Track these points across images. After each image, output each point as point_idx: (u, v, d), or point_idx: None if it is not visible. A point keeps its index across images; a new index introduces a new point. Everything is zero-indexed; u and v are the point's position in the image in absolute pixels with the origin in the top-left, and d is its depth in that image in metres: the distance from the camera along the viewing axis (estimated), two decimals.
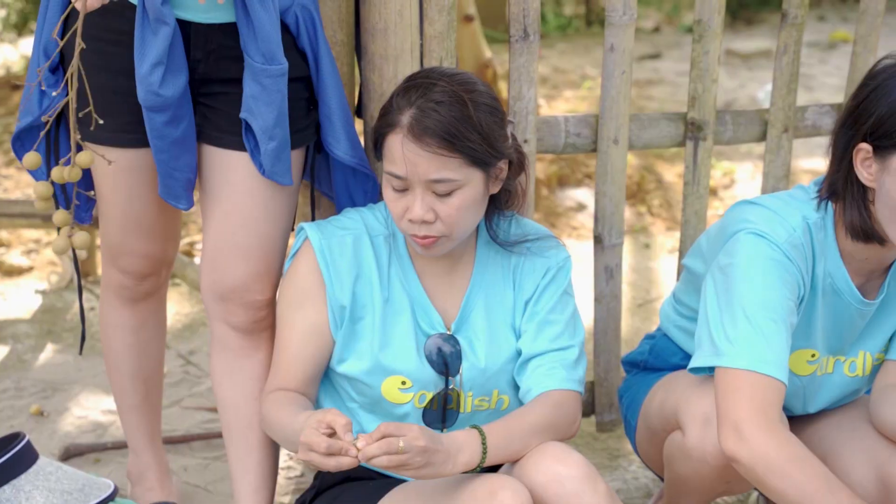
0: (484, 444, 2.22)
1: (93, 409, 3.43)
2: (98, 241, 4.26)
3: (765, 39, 8.43)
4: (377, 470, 2.42)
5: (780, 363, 2.26)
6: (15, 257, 4.51)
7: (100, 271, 4.28)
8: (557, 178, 5.09)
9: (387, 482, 2.41)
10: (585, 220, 4.91)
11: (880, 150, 2.24)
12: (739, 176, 5.51)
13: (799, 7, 2.95)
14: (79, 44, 2.07)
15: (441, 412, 2.41)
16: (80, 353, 2.70)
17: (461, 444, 2.19)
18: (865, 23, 3.04)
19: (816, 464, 2.20)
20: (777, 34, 2.98)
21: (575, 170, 5.21)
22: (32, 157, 2.17)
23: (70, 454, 3.16)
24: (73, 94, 2.11)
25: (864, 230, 2.32)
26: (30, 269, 4.46)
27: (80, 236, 2.20)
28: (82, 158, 2.15)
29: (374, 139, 2.34)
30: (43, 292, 4.22)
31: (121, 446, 3.17)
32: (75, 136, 2.13)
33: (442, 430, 2.42)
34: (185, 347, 3.79)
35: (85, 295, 4.16)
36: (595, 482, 2.22)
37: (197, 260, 4.41)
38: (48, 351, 3.80)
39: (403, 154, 2.24)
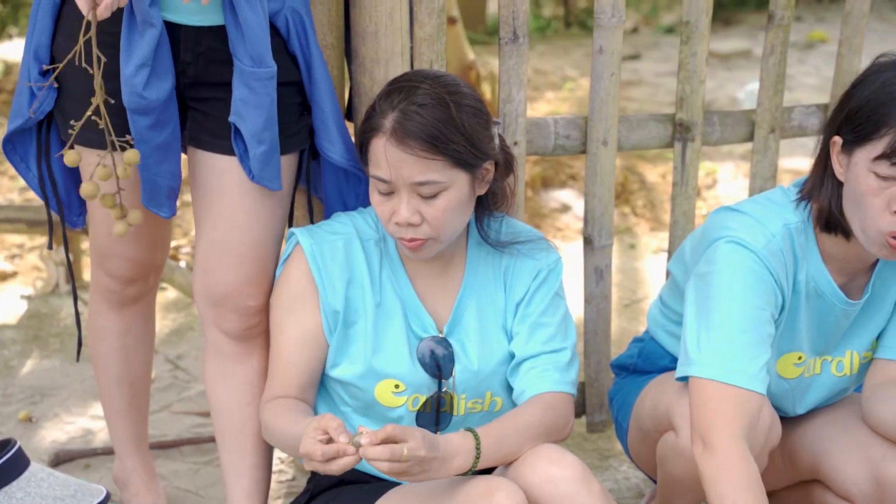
0: (478, 448, 2.22)
1: (81, 415, 3.42)
2: (68, 250, 4.26)
3: (742, 40, 8.47)
4: (371, 473, 2.44)
5: (750, 373, 2.28)
6: None
7: (85, 276, 4.27)
8: (541, 180, 5.10)
9: (381, 485, 2.41)
10: (570, 221, 4.91)
11: (848, 144, 2.28)
12: (721, 176, 5.54)
13: (785, 8, 2.96)
14: (95, 55, 2.06)
15: (434, 415, 2.42)
16: (77, 359, 2.69)
17: (457, 447, 2.20)
18: (850, 25, 3.06)
19: (755, 495, 2.21)
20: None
21: (559, 171, 5.22)
22: (73, 156, 2.16)
23: (60, 460, 3.15)
24: (100, 100, 2.10)
25: (831, 221, 2.35)
26: (14, 274, 4.44)
27: (135, 214, 2.21)
28: (129, 157, 2.15)
29: (358, 143, 2.34)
30: (28, 298, 4.20)
31: (110, 452, 3.16)
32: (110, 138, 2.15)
33: (436, 433, 2.42)
34: (173, 352, 3.78)
35: (71, 300, 4.14)
36: (589, 483, 2.23)
37: (182, 264, 4.40)
38: (35, 357, 3.78)
39: (387, 158, 2.24)
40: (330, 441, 2.09)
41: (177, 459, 3.20)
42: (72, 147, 2.46)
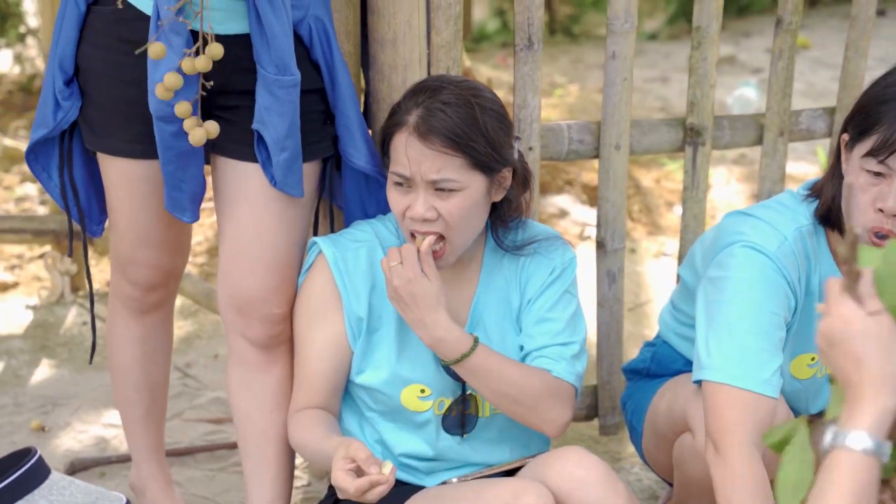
0: (465, 356, 2.30)
1: (94, 424, 3.42)
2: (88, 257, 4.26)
3: (726, 45, 8.53)
4: (396, 477, 2.45)
5: (763, 378, 2.31)
6: None
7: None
8: (539, 186, 5.12)
9: (406, 489, 2.42)
10: (568, 226, 4.94)
11: (851, 141, 2.33)
12: (715, 181, 5.58)
13: (793, 13, 3.00)
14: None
15: (460, 418, 2.43)
16: (91, 362, 2.70)
17: (439, 337, 2.29)
18: (857, 28, 3.10)
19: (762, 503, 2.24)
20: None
21: (555, 177, 5.25)
22: (157, 48, 2.17)
23: (75, 468, 3.15)
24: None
25: (830, 215, 2.40)
26: (15, 284, 4.43)
27: (213, 124, 2.25)
28: (214, 50, 2.16)
29: (380, 139, 2.36)
30: (34, 307, 4.19)
31: (125, 460, 3.16)
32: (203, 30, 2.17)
33: (462, 436, 2.44)
34: (181, 360, 3.78)
35: (77, 309, 4.15)
36: (615, 484, 2.26)
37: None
38: (44, 366, 3.78)
39: (407, 152, 2.26)
40: (359, 470, 2.12)
41: (191, 466, 3.20)
42: (94, 154, 2.49)
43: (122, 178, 2.45)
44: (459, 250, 2.36)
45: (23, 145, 5.66)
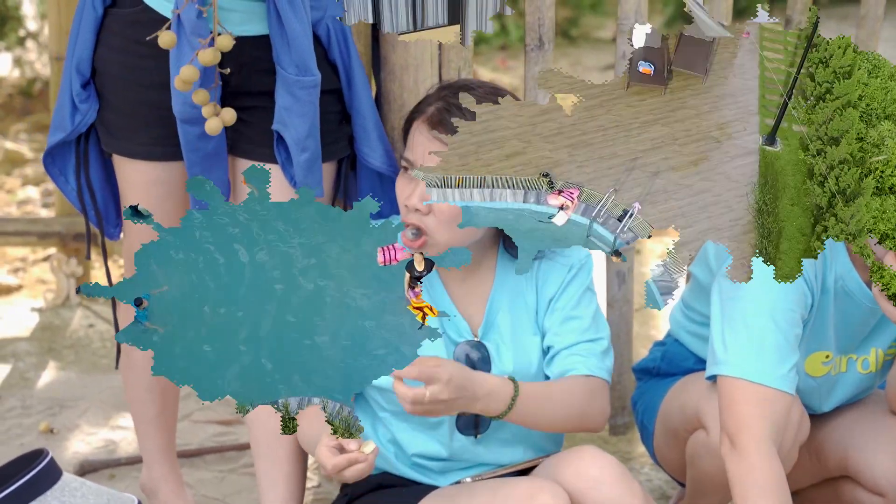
0: (513, 400, 2.28)
1: (102, 426, 3.42)
2: (91, 261, 4.25)
3: None
4: (408, 476, 2.46)
5: (780, 374, 2.31)
6: (1, 276, 4.47)
7: None
8: None
9: (419, 488, 2.43)
10: None
11: None
12: None
13: (802, 13, 3.01)
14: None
15: (474, 418, 2.43)
16: (117, 367, 2.70)
17: (489, 391, 2.26)
18: (866, 27, 3.11)
19: (778, 498, 2.24)
20: None
21: None
22: (167, 36, 2.17)
23: (84, 470, 3.14)
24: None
25: None
26: (19, 287, 4.43)
27: (229, 112, 2.23)
28: (222, 42, 2.17)
29: (403, 127, 2.40)
30: (39, 310, 4.19)
31: (135, 461, 3.16)
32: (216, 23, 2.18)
33: (476, 437, 2.44)
34: None
35: (83, 312, 4.15)
36: (630, 483, 2.27)
37: None
38: (51, 368, 3.78)
39: (415, 138, 2.30)
40: (342, 448, 2.12)
41: (201, 468, 3.20)
42: (110, 157, 2.48)
43: (139, 180, 2.45)
44: (444, 250, 2.34)
45: (23, 149, 5.65)
